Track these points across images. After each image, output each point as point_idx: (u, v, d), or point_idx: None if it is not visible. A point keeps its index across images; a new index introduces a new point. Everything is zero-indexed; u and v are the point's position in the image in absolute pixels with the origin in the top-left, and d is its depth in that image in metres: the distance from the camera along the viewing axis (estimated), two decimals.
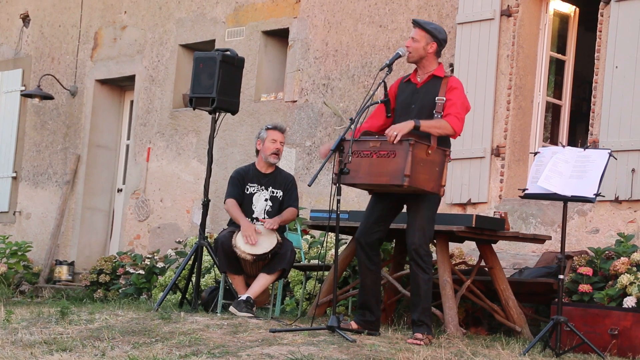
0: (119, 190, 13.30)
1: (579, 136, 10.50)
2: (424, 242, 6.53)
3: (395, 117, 6.73)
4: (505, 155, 9.26)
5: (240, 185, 7.96)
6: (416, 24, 6.71)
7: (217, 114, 8.45)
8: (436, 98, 6.56)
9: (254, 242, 7.58)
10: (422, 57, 6.67)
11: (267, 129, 8.02)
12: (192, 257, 8.32)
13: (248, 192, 7.97)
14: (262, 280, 7.64)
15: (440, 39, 6.66)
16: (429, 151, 6.37)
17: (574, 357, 6.55)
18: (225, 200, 7.97)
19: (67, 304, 7.88)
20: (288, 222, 7.96)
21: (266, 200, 7.95)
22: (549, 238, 7.95)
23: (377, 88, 6.64)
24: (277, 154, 7.98)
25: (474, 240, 7.64)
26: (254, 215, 7.88)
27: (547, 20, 9.50)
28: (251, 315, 7.40)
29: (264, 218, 7.84)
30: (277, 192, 7.96)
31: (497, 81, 9.36)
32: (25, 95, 13.49)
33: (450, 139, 6.65)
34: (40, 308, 8.12)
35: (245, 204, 7.92)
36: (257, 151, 8.05)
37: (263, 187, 7.97)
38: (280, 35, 11.44)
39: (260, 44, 11.48)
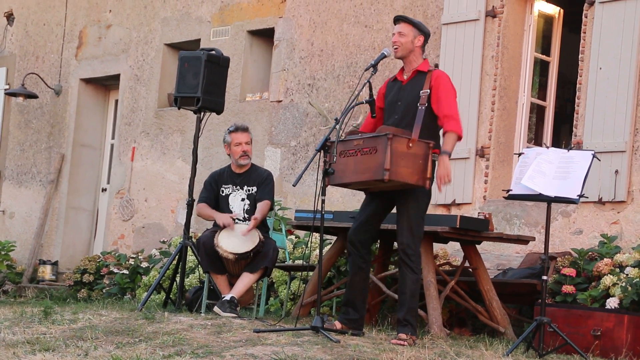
0: (104, 190, 13.27)
1: (563, 137, 10.52)
2: (412, 241, 6.51)
3: (384, 115, 6.76)
4: (490, 156, 9.27)
5: (212, 189, 7.98)
6: (401, 18, 6.73)
7: (202, 113, 8.44)
8: (420, 92, 6.57)
9: (230, 226, 7.58)
10: (410, 51, 6.69)
11: (230, 132, 8.00)
12: (177, 257, 8.30)
13: (224, 194, 7.96)
14: (246, 279, 7.64)
15: (426, 32, 6.73)
16: (410, 144, 6.34)
17: (557, 357, 6.55)
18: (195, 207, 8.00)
19: (51, 304, 7.86)
20: (264, 216, 7.91)
21: (243, 199, 7.94)
22: (533, 239, 7.97)
23: (362, 88, 6.65)
24: (246, 155, 7.97)
25: (458, 240, 7.66)
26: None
27: (532, 21, 9.52)
28: (235, 315, 7.40)
29: (245, 217, 7.84)
30: (252, 190, 7.95)
31: (482, 82, 9.37)
32: (9, 93, 13.44)
33: (441, 135, 6.66)
34: (24, 308, 8.09)
35: (222, 206, 7.91)
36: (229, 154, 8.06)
37: (238, 187, 7.96)
38: (265, 35, 11.43)
39: (246, 43, 11.47)
